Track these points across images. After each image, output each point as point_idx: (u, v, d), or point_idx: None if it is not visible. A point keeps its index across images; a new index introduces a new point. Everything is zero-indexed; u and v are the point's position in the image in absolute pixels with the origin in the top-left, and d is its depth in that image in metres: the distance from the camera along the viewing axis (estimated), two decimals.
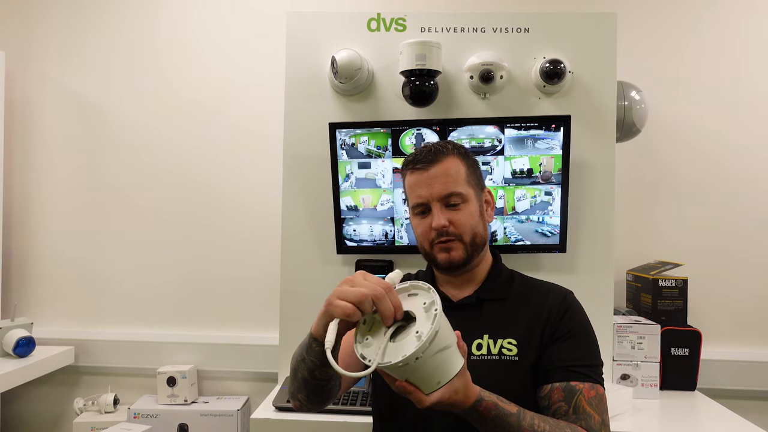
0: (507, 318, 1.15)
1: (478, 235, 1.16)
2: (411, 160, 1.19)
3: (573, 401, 1.04)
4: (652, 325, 1.81)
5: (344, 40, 1.77)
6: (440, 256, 1.15)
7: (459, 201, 1.14)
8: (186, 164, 2.23)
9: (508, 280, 1.21)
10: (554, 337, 1.10)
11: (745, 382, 2.02)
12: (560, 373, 1.07)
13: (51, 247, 2.27)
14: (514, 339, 1.11)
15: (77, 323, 2.25)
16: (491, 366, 1.09)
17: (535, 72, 1.73)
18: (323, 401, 1.10)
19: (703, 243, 2.10)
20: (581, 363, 1.08)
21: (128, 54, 2.25)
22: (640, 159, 2.10)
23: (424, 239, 1.17)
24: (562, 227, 1.68)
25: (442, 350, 0.86)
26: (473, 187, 1.17)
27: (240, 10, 2.22)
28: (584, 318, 1.15)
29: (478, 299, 1.17)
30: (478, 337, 1.13)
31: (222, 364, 2.18)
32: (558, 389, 1.06)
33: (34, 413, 2.28)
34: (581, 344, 1.11)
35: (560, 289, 1.19)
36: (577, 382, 1.05)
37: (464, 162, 1.17)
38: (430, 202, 1.14)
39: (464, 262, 1.15)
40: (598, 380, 1.08)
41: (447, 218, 1.13)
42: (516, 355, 1.10)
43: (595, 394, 1.05)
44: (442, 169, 1.15)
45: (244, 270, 2.20)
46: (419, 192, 1.15)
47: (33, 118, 2.27)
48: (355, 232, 1.77)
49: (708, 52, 2.10)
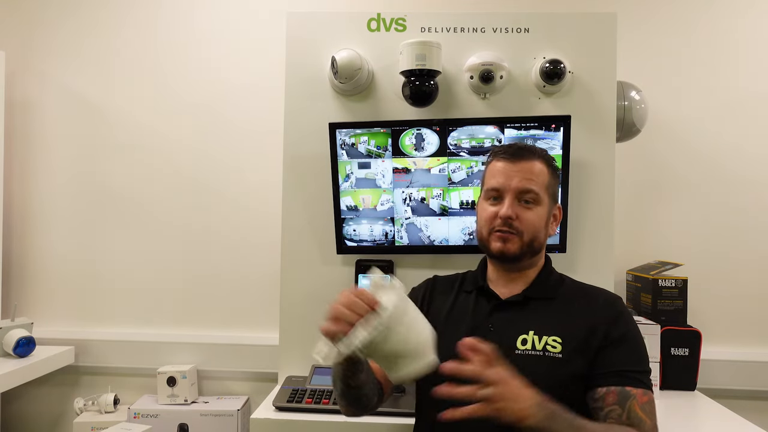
0: (553, 317, 1.16)
1: (538, 239, 1.19)
2: (502, 149, 1.23)
3: (627, 405, 1.06)
4: (652, 325, 1.81)
5: (344, 40, 1.76)
6: (495, 244, 1.17)
7: (532, 200, 1.17)
8: (186, 164, 2.23)
9: (557, 281, 1.24)
10: (607, 342, 1.12)
11: (745, 382, 2.02)
12: (615, 377, 1.09)
13: (51, 247, 2.27)
14: (560, 337, 1.13)
15: (77, 323, 2.25)
16: (535, 361, 1.11)
17: (535, 72, 1.73)
18: (364, 407, 1.19)
19: (703, 243, 2.10)
20: (635, 369, 1.10)
21: (128, 54, 2.25)
22: (640, 159, 2.09)
23: (485, 224, 1.19)
24: (562, 227, 1.68)
25: (402, 323, 0.91)
26: (549, 195, 1.21)
27: (240, 10, 2.22)
28: (634, 324, 1.17)
29: (526, 297, 1.20)
30: (523, 332, 1.14)
31: (222, 364, 2.18)
32: (613, 393, 1.08)
33: (34, 413, 2.28)
34: (634, 350, 1.13)
35: (610, 294, 1.22)
36: (631, 387, 1.08)
37: (549, 170, 1.21)
38: (505, 191, 1.17)
39: (516, 258, 1.17)
40: (649, 386, 1.10)
41: (516, 212, 1.16)
42: (560, 352, 1.11)
43: (647, 400, 1.08)
44: (528, 166, 1.18)
45: (244, 270, 2.20)
46: (499, 179, 1.18)
47: (33, 118, 2.27)
48: (355, 232, 1.77)
49: (708, 52, 2.10)
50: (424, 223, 1.73)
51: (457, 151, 1.68)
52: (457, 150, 1.68)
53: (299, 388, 1.61)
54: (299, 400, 1.55)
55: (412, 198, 1.72)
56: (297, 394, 1.58)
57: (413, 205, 1.73)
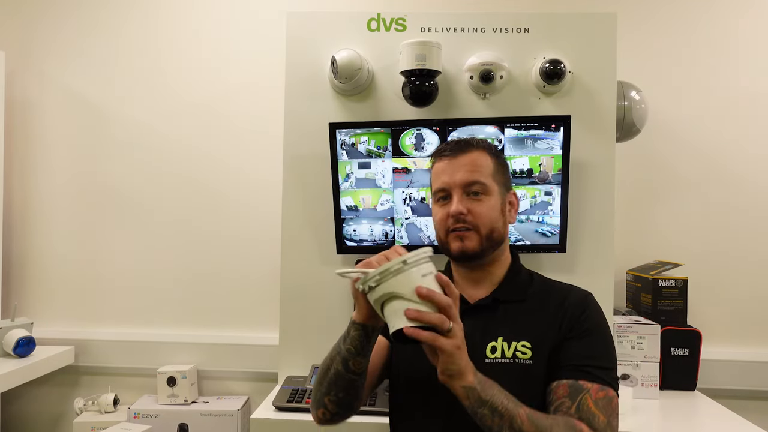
0: (523, 320, 1.12)
1: (496, 230, 1.14)
2: (440, 149, 1.20)
3: (578, 399, 1.01)
4: (652, 325, 1.81)
5: (344, 40, 1.77)
6: (454, 244, 1.13)
7: (481, 191, 1.13)
8: (186, 164, 2.23)
9: (526, 280, 1.19)
10: (570, 335, 1.08)
11: (745, 382, 2.02)
12: (570, 370, 1.04)
13: (51, 247, 2.27)
14: (529, 342, 1.09)
15: (77, 323, 2.25)
16: (505, 370, 1.06)
17: (535, 72, 1.73)
18: (351, 402, 1.12)
19: (703, 243, 2.10)
20: (593, 363, 1.05)
21: (128, 54, 2.25)
22: (640, 159, 2.10)
23: (440, 227, 1.16)
24: (562, 227, 1.68)
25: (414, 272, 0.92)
26: (498, 183, 1.16)
27: (240, 10, 2.22)
28: (602, 319, 1.12)
29: (495, 300, 1.15)
30: (492, 339, 1.10)
31: (222, 364, 2.18)
32: (564, 386, 1.03)
33: (34, 413, 2.28)
34: (596, 344, 1.08)
35: (580, 291, 1.17)
36: (585, 381, 1.03)
37: (492, 158, 1.17)
38: (451, 188, 1.14)
39: (477, 255, 1.13)
40: (611, 383, 1.04)
41: (466, 207, 1.12)
42: (530, 358, 1.08)
43: (603, 396, 1.02)
44: (469, 159, 1.15)
45: (244, 270, 2.20)
46: (443, 178, 1.15)
47: (33, 118, 2.27)
48: (355, 232, 1.77)
49: (708, 51, 2.10)
50: (424, 223, 1.73)
51: None
52: None
53: (299, 388, 1.61)
54: (299, 400, 1.55)
55: (412, 198, 1.72)
56: (297, 394, 1.58)
57: (413, 205, 1.73)
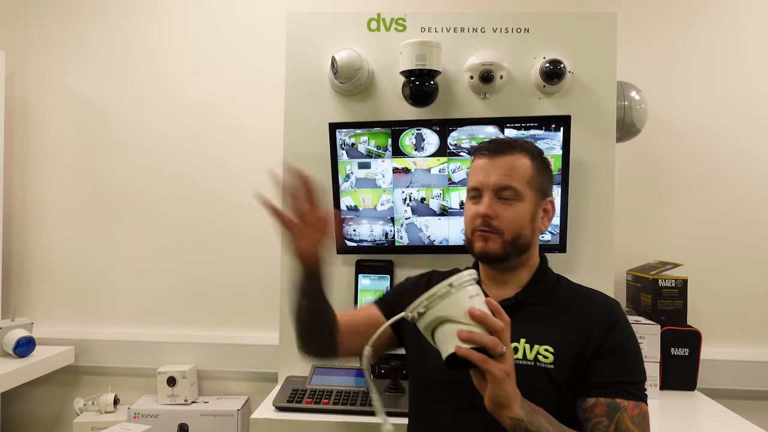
0: (546, 324, 1.11)
1: (522, 237, 1.13)
2: (481, 146, 1.19)
3: (616, 418, 1.02)
4: (652, 325, 1.81)
5: (344, 40, 1.76)
6: (477, 244, 1.14)
7: (511, 197, 1.12)
8: (186, 164, 2.23)
9: (552, 285, 1.19)
10: (600, 351, 1.07)
11: (745, 382, 2.02)
12: (605, 388, 1.05)
13: (51, 247, 2.27)
14: (552, 347, 1.08)
15: (77, 323, 2.25)
16: (526, 372, 1.05)
17: (535, 72, 1.73)
18: (327, 331, 1.18)
19: (703, 243, 2.10)
20: (627, 380, 1.06)
21: (128, 54, 2.25)
22: (640, 159, 2.09)
23: (468, 224, 1.16)
24: (562, 227, 1.68)
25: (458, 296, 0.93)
26: (534, 190, 1.15)
27: (240, 10, 2.22)
28: (630, 332, 1.12)
29: (518, 302, 1.14)
30: (514, 340, 1.07)
31: (222, 364, 2.18)
32: (602, 404, 1.04)
33: (34, 413, 2.28)
34: (627, 359, 1.08)
35: (606, 300, 1.16)
36: (621, 399, 1.04)
37: (533, 163, 1.16)
38: (483, 189, 1.14)
39: (499, 258, 1.13)
40: (643, 397, 1.06)
41: (494, 210, 1.12)
42: (552, 363, 1.07)
43: (638, 413, 1.04)
44: (507, 161, 1.14)
45: (245, 270, 2.20)
46: (477, 177, 1.15)
47: (33, 118, 2.27)
48: (355, 232, 1.77)
49: (707, 51, 2.10)
50: (424, 223, 1.73)
51: (457, 151, 1.68)
52: (457, 150, 1.68)
53: (299, 388, 1.61)
54: (299, 400, 1.55)
55: (412, 198, 1.72)
56: (297, 394, 1.58)
57: (413, 205, 1.73)
